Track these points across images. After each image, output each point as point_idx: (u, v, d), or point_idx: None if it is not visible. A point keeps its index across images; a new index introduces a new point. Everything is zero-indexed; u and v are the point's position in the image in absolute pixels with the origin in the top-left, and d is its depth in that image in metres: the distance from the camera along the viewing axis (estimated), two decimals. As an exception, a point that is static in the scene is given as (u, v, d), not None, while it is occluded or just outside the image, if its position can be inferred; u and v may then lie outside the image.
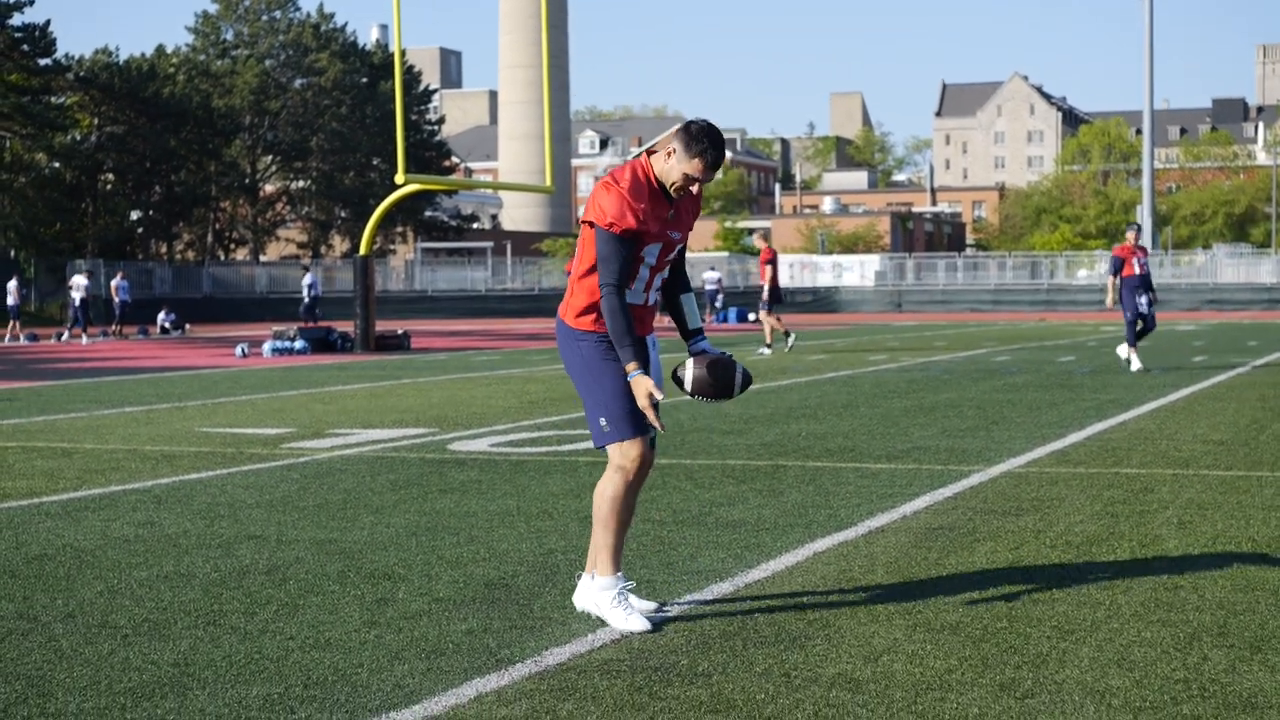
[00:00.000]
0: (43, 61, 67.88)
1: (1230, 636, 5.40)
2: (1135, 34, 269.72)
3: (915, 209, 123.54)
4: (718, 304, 54.94)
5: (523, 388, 18.65)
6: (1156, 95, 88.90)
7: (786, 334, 27.34)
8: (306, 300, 46.83)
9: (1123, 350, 20.33)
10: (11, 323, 42.60)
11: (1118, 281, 20.25)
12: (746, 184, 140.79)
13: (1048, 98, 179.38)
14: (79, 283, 41.55)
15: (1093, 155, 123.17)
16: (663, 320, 7.05)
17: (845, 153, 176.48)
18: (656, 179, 5.68)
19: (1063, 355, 24.85)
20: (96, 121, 72.41)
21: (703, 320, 32.52)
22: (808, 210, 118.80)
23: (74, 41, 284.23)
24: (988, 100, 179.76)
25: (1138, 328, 20.16)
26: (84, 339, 40.64)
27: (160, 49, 79.82)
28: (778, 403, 15.66)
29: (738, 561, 6.89)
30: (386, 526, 7.98)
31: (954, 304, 64.52)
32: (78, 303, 41.26)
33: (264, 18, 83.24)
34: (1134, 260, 20.12)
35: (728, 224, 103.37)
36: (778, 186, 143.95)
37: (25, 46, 66.81)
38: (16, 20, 66.81)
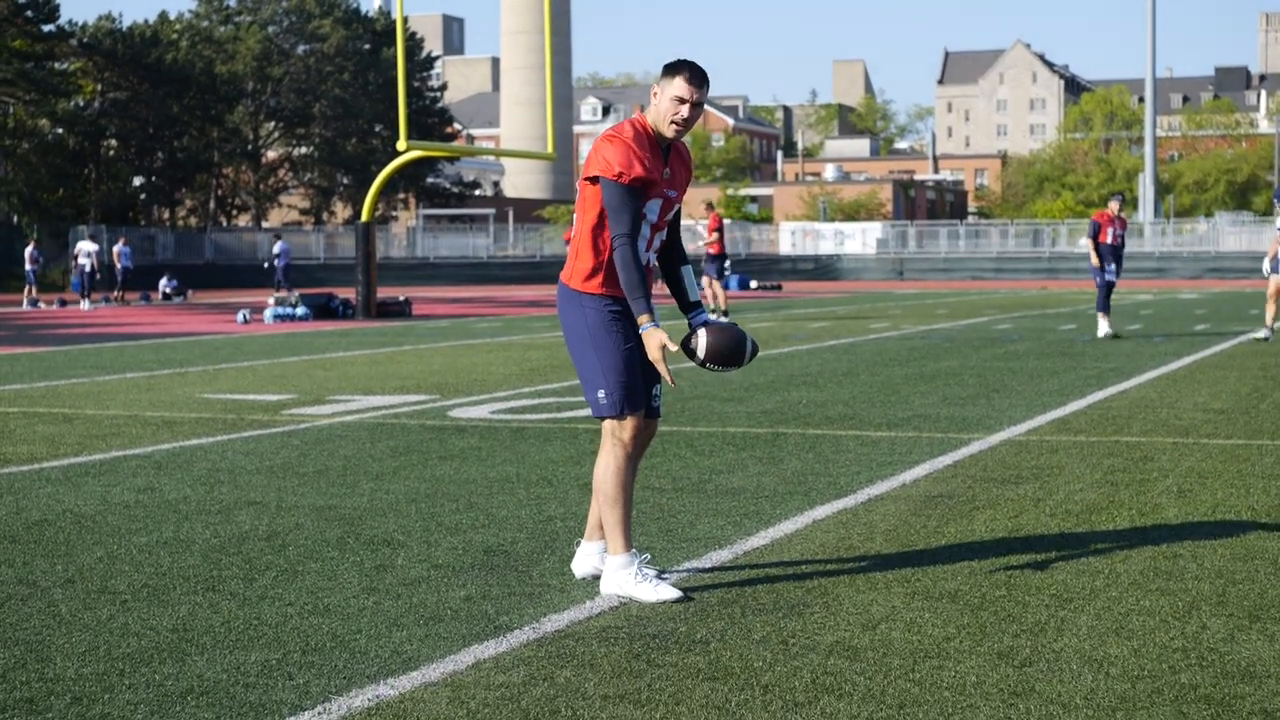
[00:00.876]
0: (46, 28, 67.67)
1: (1229, 605, 5.40)
2: (1138, 2, 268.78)
3: (917, 177, 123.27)
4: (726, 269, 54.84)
5: (523, 355, 18.64)
6: (1159, 63, 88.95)
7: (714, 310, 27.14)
8: (278, 269, 46.42)
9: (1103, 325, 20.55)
10: (28, 287, 42.87)
11: (1098, 247, 20.84)
12: (749, 151, 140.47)
13: (1050, 65, 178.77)
14: (85, 249, 41.97)
15: (1095, 123, 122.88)
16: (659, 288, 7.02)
17: (847, 120, 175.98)
18: (652, 129, 5.64)
19: (1064, 323, 24.83)
20: (99, 87, 72.26)
21: (702, 287, 32.47)
22: (810, 178, 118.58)
23: (78, 8, 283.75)
24: (990, 68, 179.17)
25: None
26: (85, 304, 40.82)
27: (164, 15, 79.66)
28: (778, 370, 15.65)
29: (737, 529, 6.90)
30: (386, 493, 7.99)
31: (956, 272, 64.45)
32: (88, 269, 41.74)
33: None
34: (1109, 229, 20.74)
35: (730, 191, 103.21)
36: (780, 154, 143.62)
37: (29, 13, 66.59)
38: (19, -14, 66.63)
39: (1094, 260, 20.96)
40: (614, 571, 5.61)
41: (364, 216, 32.52)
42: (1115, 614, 5.29)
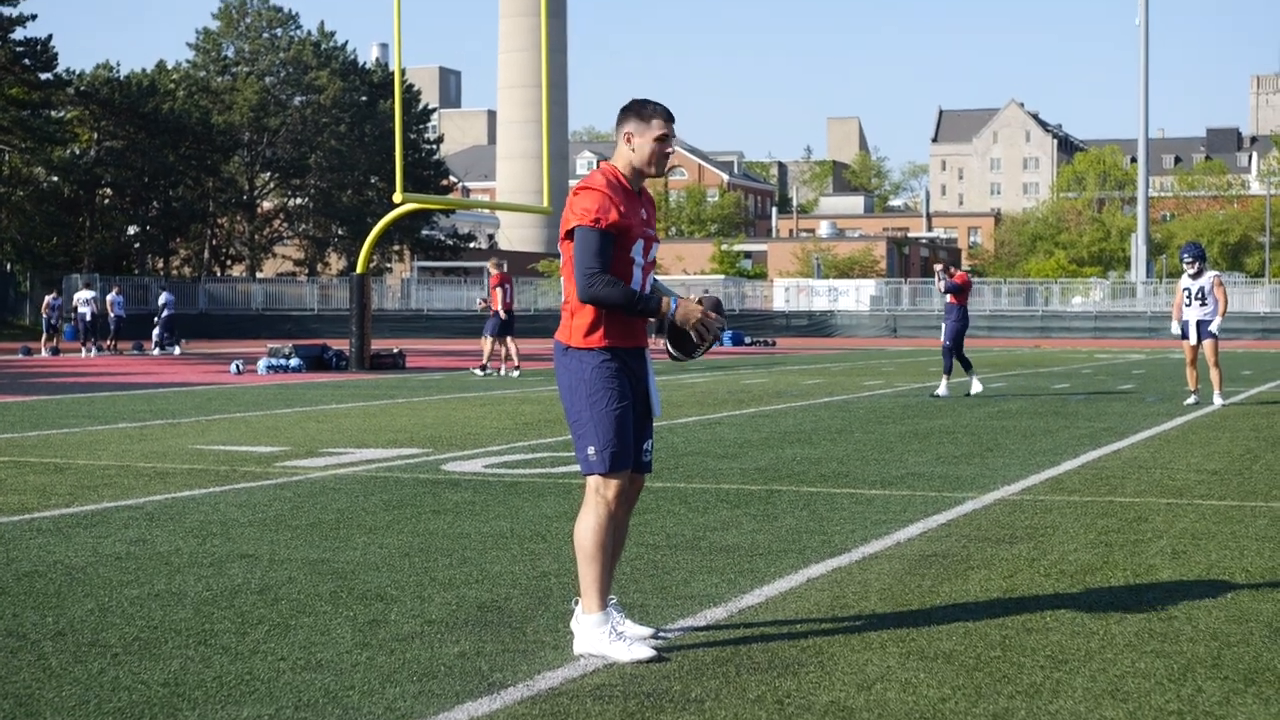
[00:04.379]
0: (44, 76, 67.91)
1: (1224, 668, 5.39)
2: (1131, 63, 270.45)
3: (911, 234, 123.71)
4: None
5: (517, 409, 18.63)
6: (1151, 124, 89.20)
7: (484, 368, 27.62)
8: (159, 321, 43.95)
9: (975, 384, 20.87)
10: (45, 336, 43.25)
11: (949, 301, 21.01)
12: (743, 207, 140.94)
13: (1044, 125, 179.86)
14: (83, 296, 42.33)
15: (1088, 183, 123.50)
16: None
17: (842, 177, 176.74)
18: (625, 175, 5.68)
19: (1057, 382, 24.86)
20: (96, 136, 72.44)
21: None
22: (804, 234, 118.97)
23: (76, 56, 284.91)
24: (984, 126, 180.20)
25: (953, 358, 20.93)
26: (87, 352, 41.12)
27: (161, 64, 79.94)
28: (772, 427, 15.64)
29: (731, 587, 6.87)
30: (379, 547, 7.96)
31: (949, 329, 64.48)
32: (88, 317, 42.02)
33: (265, 35, 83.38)
34: (967, 291, 20.97)
35: (724, 247, 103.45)
36: (774, 210, 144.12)
37: (27, 60, 66.85)
38: (19, 34, 66.90)
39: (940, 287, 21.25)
40: (588, 630, 5.58)
41: (359, 268, 32.57)
42: (1110, 676, 5.28)
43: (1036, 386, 23.59)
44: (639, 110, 5.68)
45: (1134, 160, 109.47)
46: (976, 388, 20.79)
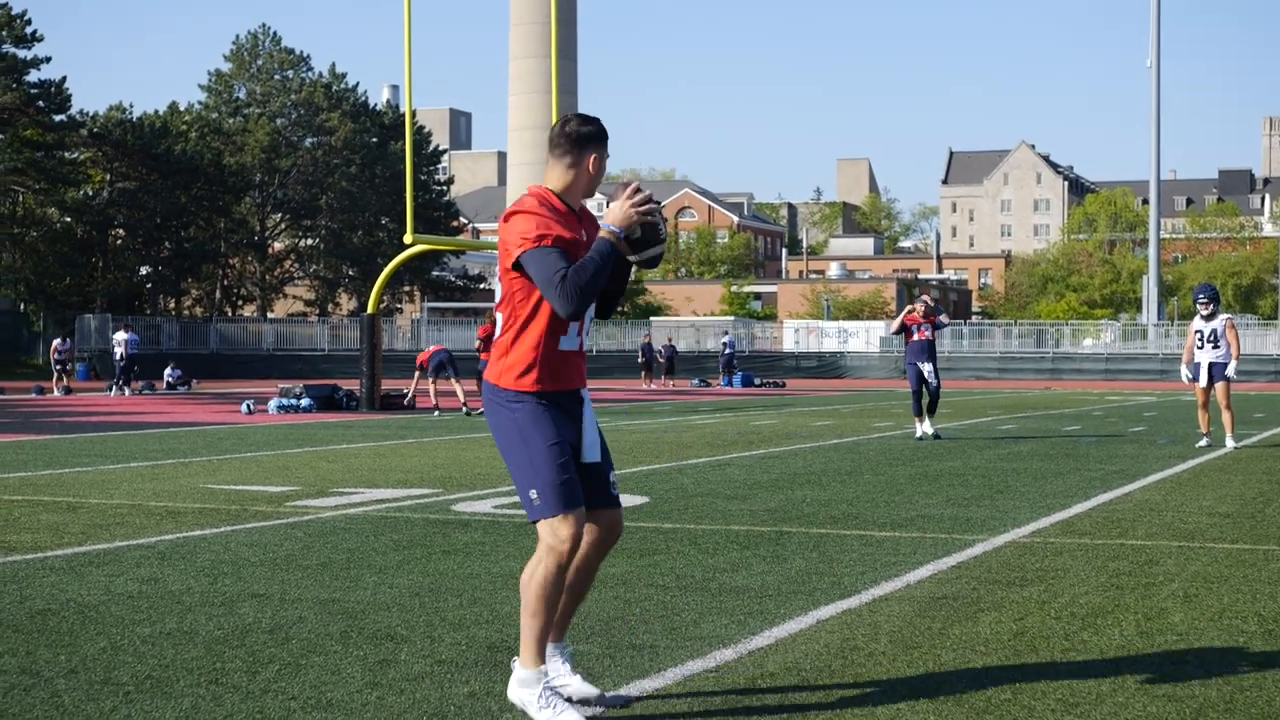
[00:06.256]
0: (58, 117, 68.45)
1: (1236, 713, 5.38)
2: (1142, 105, 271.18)
3: (921, 275, 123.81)
4: (734, 366, 55.03)
5: (528, 449, 18.61)
6: (1163, 166, 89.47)
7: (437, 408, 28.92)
8: (120, 360, 43.10)
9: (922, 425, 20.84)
10: (56, 377, 43.31)
11: (900, 332, 21.12)
12: (753, 248, 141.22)
13: (1054, 166, 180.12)
14: (120, 338, 42.74)
15: (1099, 224, 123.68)
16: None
17: (852, 218, 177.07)
18: (559, 198, 5.31)
19: (1068, 424, 24.83)
20: (109, 177, 72.87)
21: (710, 383, 33.40)
22: (814, 275, 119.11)
23: (89, 98, 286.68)
24: (995, 168, 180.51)
25: (924, 400, 20.90)
26: (125, 391, 41.61)
27: (174, 106, 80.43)
28: (782, 468, 15.64)
29: (741, 628, 6.87)
30: (390, 587, 7.97)
31: (959, 371, 64.51)
32: (119, 358, 42.43)
33: (276, 77, 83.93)
34: (914, 329, 20.96)
35: (734, 288, 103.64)
36: (784, 251, 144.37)
37: (41, 102, 67.36)
38: (33, 76, 67.47)
39: (894, 326, 21.39)
40: (519, 685, 5.26)
41: (369, 309, 32.67)
42: None
43: (1047, 428, 23.57)
44: (581, 138, 5.29)
45: (1145, 202, 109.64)
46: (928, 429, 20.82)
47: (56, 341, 44.18)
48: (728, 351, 55.40)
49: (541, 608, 5.21)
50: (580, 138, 5.30)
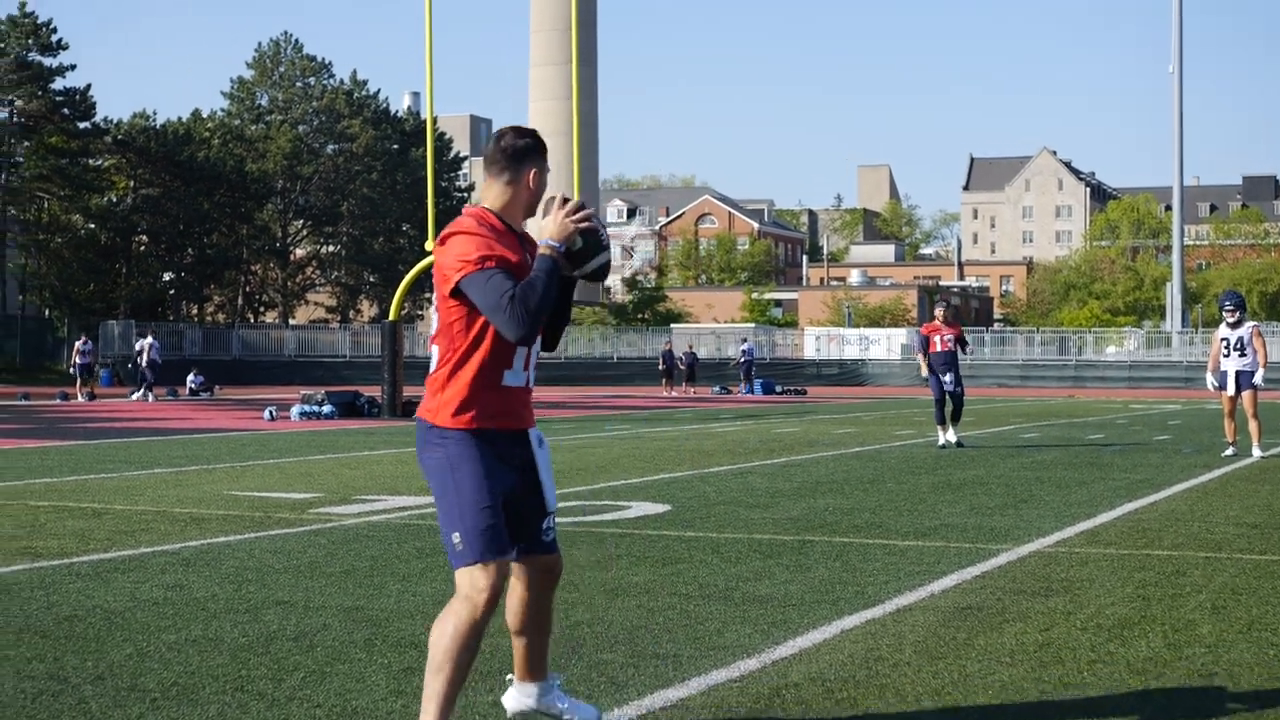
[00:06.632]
0: (82, 125, 68.84)
1: (1264, 724, 5.35)
2: (1164, 110, 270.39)
3: (943, 282, 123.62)
4: (752, 374, 54.98)
5: (550, 456, 18.63)
6: (1186, 172, 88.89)
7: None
8: (144, 366, 43.24)
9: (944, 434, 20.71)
10: (80, 381, 43.44)
11: (928, 359, 21.01)
12: (774, 255, 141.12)
13: (1076, 173, 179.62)
14: (147, 344, 42.91)
15: (1121, 231, 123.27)
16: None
17: (873, 225, 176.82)
18: (501, 219, 4.94)
19: (1092, 433, 24.75)
20: (132, 184, 73.21)
21: (731, 390, 33.47)
22: (835, 282, 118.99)
23: (114, 105, 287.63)
24: (1016, 174, 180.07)
25: (947, 408, 20.72)
26: (149, 397, 41.62)
27: (197, 113, 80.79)
28: (804, 477, 15.62)
29: (765, 638, 6.86)
30: (413, 594, 7.98)
31: (981, 379, 64.34)
32: (145, 364, 42.83)
33: (298, 84, 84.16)
34: (935, 338, 20.87)
35: (755, 295, 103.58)
36: (805, 258, 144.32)
37: (66, 110, 67.74)
38: (58, 84, 67.84)
39: (923, 370, 21.20)
40: None
41: (391, 315, 32.72)
42: (1149, 731, 5.24)
43: (1070, 437, 23.49)
44: (520, 152, 4.97)
45: (1168, 208, 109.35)
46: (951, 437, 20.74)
47: (79, 343, 44.36)
48: (745, 359, 55.36)
49: (446, 664, 4.73)
50: (517, 152, 4.96)
